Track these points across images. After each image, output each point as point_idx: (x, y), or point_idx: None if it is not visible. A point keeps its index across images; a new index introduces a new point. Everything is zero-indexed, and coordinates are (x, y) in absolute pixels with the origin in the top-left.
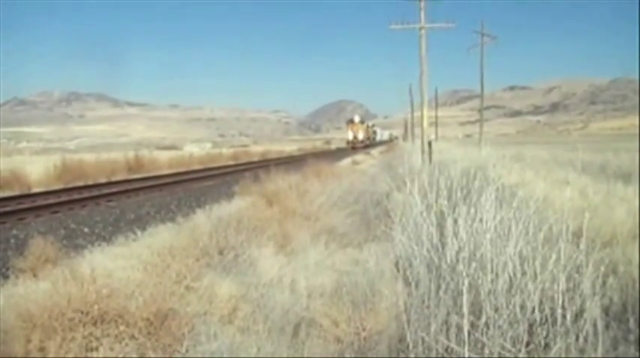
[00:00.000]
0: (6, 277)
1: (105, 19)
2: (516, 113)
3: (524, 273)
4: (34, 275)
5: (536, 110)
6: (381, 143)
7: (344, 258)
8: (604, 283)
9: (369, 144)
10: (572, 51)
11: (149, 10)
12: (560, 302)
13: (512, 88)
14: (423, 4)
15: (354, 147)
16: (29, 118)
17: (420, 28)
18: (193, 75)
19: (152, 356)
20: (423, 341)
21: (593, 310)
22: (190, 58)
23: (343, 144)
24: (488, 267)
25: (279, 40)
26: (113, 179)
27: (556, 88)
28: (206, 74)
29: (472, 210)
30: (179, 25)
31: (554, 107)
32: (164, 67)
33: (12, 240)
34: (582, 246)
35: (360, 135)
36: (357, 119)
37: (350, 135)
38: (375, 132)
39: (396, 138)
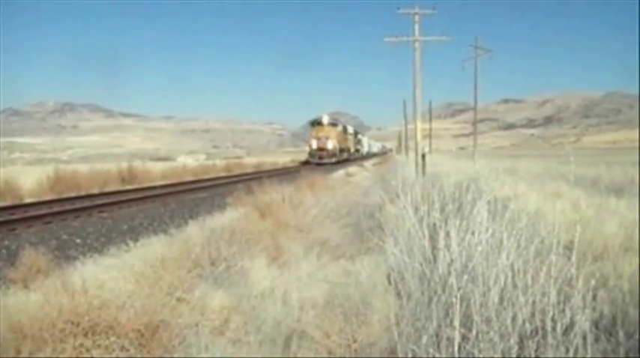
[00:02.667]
0: None
1: (100, 30)
2: (510, 126)
3: (515, 286)
4: (25, 286)
5: (530, 123)
6: (370, 156)
7: (336, 270)
8: (594, 296)
9: (348, 158)
10: (567, 64)
11: (144, 22)
12: (551, 314)
13: (506, 101)
14: (417, 17)
15: (319, 163)
16: (23, 129)
17: (415, 41)
18: (188, 86)
19: None
20: (415, 353)
21: (583, 323)
22: (185, 70)
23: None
24: (480, 279)
25: (273, 52)
26: (106, 190)
27: (550, 102)
28: (201, 86)
29: (464, 223)
30: (174, 37)
31: (548, 120)
32: (159, 78)
33: (3, 251)
34: (573, 259)
35: (330, 144)
36: (325, 120)
37: (314, 144)
38: (360, 143)
39: (390, 150)
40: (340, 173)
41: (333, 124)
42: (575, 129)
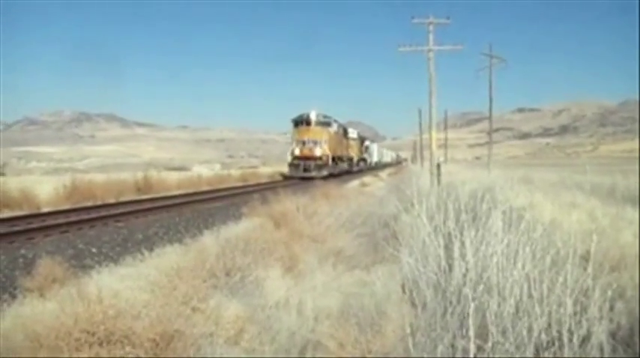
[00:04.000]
0: (14, 297)
1: (113, 41)
2: (525, 135)
3: (531, 297)
4: (42, 295)
5: (546, 132)
6: (380, 167)
7: (351, 280)
8: (611, 307)
9: (350, 169)
10: (582, 73)
11: (158, 30)
12: (568, 325)
13: (521, 110)
14: (431, 27)
15: (304, 176)
16: (40, 138)
17: (429, 51)
18: (202, 96)
19: None
20: None
21: (600, 334)
22: (199, 80)
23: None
24: (495, 290)
25: (288, 62)
26: (122, 199)
27: (565, 110)
28: (215, 95)
29: (479, 233)
30: (189, 47)
31: (564, 129)
32: (173, 88)
33: (20, 260)
34: (590, 270)
35: (319, 150)
36: (314, 117)
37: (296, 150)
38: (367, 150)
39: (405, 160)
40: (355, 183)
41: (325, 123)
42: (591, 138)
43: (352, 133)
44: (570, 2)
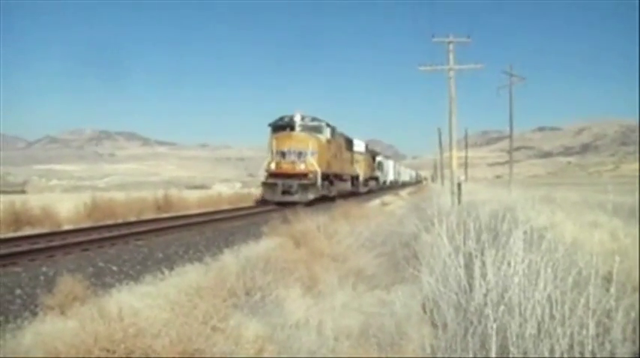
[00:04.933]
0: (34, 314)
1: (132, 56)
2: (546, 154)
3: (552, 318)
4: (62, 313)
5: (567, 151)
6: (396, 187)
7: (371, 300)
8: (634, 329)
9: (356, 190)
10: (603, 91)
11: (178, 49)
12: (590, 347)
13: (541, 129)
14: (451, 46)
15: (283, 201)
16: (61, 156)
17: (449, 70)
18: (222, 114)
19: None
20: None
21: (624, 356)
22: (219, 98)
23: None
24: (517, 310)
25: (307, 80)
26: (142, 218)
27: (586, 129)
28: (234, 114)
29: (500, 253)
30: (208, 66)
31: (585, 148)
32: (193, 106)
33: (41, 277)
34: (612, 291)
35: (304, 164)
36: (298, 120)
37: (273, 164)
38: (380, 167)
39: (425, 178)
40: (375, 202)
41: (314, 129)
42: (613, 157)
43: (358, 145)
44: (591, 22)
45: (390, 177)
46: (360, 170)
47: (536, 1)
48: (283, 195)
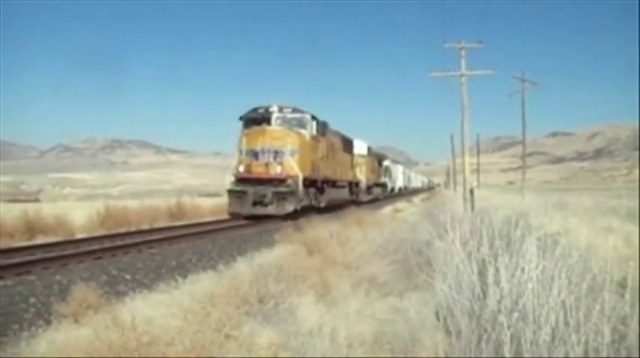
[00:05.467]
0: (48, 322)
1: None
2: (559, 159)
3: (567, 324)
4: (76, 321)
5: (580, 156)
6: (405, 193)
7: (384, 307)
8: None
9: (356, 199)
10: (616, 96)
11: (190, 57)
12: (605, 354)
13: (554, 134)
14: (463, 52)
15: (254, 214)
16: (74, 165)
17: (461, 76)
18: (234, 122)
19: None
20: None
21: None
22: (231, 106)
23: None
24: (531, 317)
25: (319, 87)
26: (155, 226)
27: (599, 134)
28: None
29: (514, 259)
30: (221, 74)
31: (598, 153)
32: (205, 114)
33: (55, 286)
34: (627, 296)
35: (281, 167)
36: (275, 111)
37: (242, 167)
38: (387, 172)
39: (438, 185)
40: (388, 209)
41: (296, 122)
42: (627, 162)
43: (360, 147)
44: (602, 26)
45: (400, 184)
46: (362, 175)
47: (548, 6)
48: (254, 206)
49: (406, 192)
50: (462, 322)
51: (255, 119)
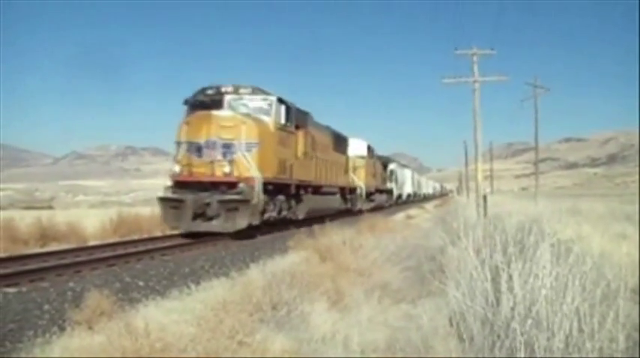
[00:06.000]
0: (62, 329)
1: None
2: (572, 165)
3: (581, 331)
4: (90, 328)
5: (593, 162)
6: (414, 200)
7: (397, 314)
8: None
9: (351, 207)
10: (628, 101)
11: (200, 64)
12: None
13: (567, 140)
14: (475, 58)
15: (192, 230)
16: (87, 172)
17: (474, 82)
18: None
19: None
20: None
21: None
22: None
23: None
24: (544, 324)
25: (330, 94)
26: (168, 233)
27: (613, 139)
28: None
29: (527, 266)
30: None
31: (612, 159)
32: None
33: (69, 293)
34: None
35: (228, 168)
36: (230, 90)
37: (177, 167)
38: (393, 176)
39: (451, 191)
40: (400, 215)
41: (255, 106)
42: None
43: (357, 147)
44: (615, 31)
45: (408, 190)
46: (360, 180)
47: (561, 13)
48: (195, 220)
49: (416, 199)
50: (475, 329)
51: (204, 103)
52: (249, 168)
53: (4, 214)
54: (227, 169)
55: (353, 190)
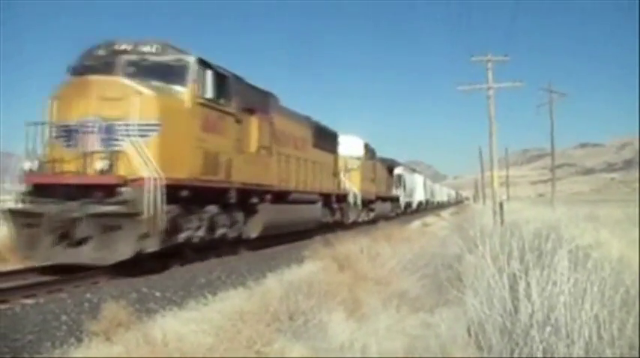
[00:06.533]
0: (80, 340)
1: None
2: (589, 171)
3: (600, 338)
4: (108, 339)
5: (610, 167)
6: (428, 208)
7: (415, 323)
8: None
9: (336, 221)
10: None
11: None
12: None
13: (583, 146)
14: (490, 64)
15: (55, 262)
16: None
17: (488, 88)
18: None
19: None
20: None
21: None
22: None
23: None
24: (563, 331)
25: (345, 100)
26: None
27: (629, 144)
28: None
29: (545, 273)
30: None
31: (628, 164)
32: None
33: (86, 304)
34: None
35: (103, 162)
36: (128, 49)
37: (33, 163)
38: (401, 182)
39: (467, 198)
40: (416, 223)
41: (166, 68)
42: None
43: (350, 145)
44: (629, 36)
45: (419, 197)
46: (354, 185)
47: (576, 18)
48: (58, 244)
49: (429, 207)
50: (494, 337)
51: (92, 68)
52: (141, 163)
53: None
54: (103, 165)
55: (343, 198)
